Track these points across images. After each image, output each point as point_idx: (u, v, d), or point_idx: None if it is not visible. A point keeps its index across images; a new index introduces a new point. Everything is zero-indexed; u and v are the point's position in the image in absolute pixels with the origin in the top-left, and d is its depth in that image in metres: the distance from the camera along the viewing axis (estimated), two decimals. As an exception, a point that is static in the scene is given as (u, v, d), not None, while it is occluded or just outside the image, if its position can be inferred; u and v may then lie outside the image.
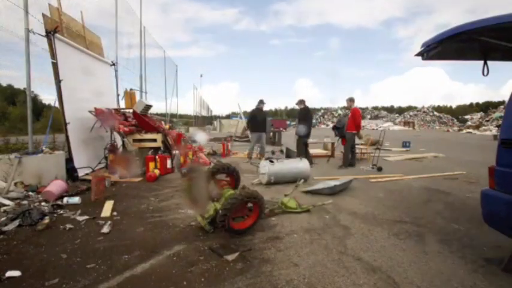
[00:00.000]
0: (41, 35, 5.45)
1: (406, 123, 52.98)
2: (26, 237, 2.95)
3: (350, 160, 7.59)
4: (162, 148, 7.03)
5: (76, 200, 4.11)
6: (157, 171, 6.07)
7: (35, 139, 5.64)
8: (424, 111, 63.90)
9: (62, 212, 3.71)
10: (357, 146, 8.93)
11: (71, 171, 5.47)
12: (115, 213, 3.71)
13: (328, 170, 7.10)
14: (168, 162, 6.72)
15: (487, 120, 41.20)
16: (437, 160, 9.23)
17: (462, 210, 3.98)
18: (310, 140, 8.21)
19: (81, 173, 5.71)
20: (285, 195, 4.09)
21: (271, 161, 5.52)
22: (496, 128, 30.07)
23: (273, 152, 10.53)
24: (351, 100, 7.64)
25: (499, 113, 39.72)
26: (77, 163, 5.67)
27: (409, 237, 3.04)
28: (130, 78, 10.19)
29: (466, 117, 53.12)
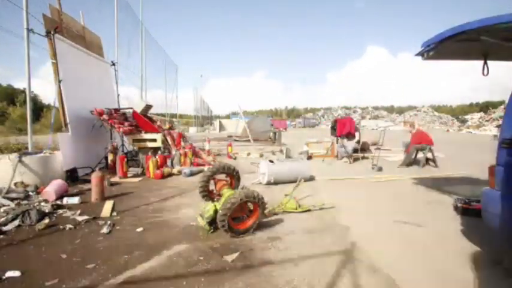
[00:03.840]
0: (41, 35, 5.46)
1: (406, 123, 52.94)
2: (26, 237, 2.96)
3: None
4: (162, 148, 7.04)
5: (76, 200, 4.11)
6: (167, 170, 6.14)
7: (35, 139, 5.64)
8: (424, 111, 63.96)
9: (62, 212, 3.71)
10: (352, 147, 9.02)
11: (71, 171, 5.48)
12: (115, 213, 3.71)
13: (329, 170, 7.10)
14: (168, 162, 6.73)
15: (487, 120, 41.19)
16: (437, 160, 9.22)
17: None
18: (310, 140, 8.20)
19: (81, 173, 5.72)
20: (285, 196, 4.07)
21: (271, 161, 5.51)
22: (496, 128, 30.06)
23: (273, 152, 10.53)
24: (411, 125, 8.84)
25: (500, 112, 39.71)
26: (77, 163, 5.67)
27: (409, 238, 3.04)
28: (130, 77, 10.21)
29: (466, 117, 53.11)
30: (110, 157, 6.49)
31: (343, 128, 8.73)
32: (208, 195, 3.65)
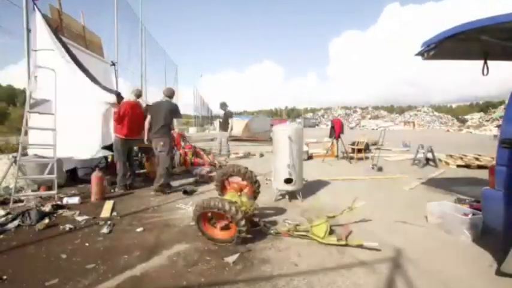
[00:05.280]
0: (41, 35, 5.44)
1: (406, 123, 53.10)
2: (26, 237, 2.96)
3: None
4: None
5: (76, 200, 4.11)
6: None
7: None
8: (424, 111, 64.04)
9: (62, 212, 3.71)
10: (352, 147, 9.12)
11: (71, 171, 5.47)
12: (115, 213, 3.71)
13: (330, 170, 7.10)
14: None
15: (487, 120, 41.23)
16: (437, 160, 9.22)
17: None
18: (310, 140, 8.16)
19: (81, 173, 5.72)
20: (327, 217, 3.05)
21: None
22: (496, 128, 30.05)
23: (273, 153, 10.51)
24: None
25: (500, 112, 39.71)
26: (77, 163, 5.66)
27: (409, 238, 3.03)
28: (130, 77, 10.20)
29: (466, 117, 53.19)
30: (110, 157, 6.48)
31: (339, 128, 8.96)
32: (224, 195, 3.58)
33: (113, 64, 8.62)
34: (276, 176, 4.35)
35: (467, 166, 7.44)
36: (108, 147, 5.28)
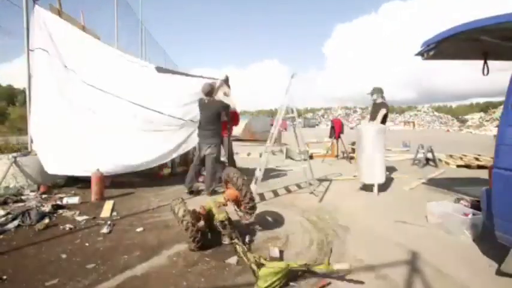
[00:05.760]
0: (41, 35, 5.44)
1: (406, 123, 53.14)
2: (26, 237, 2.96)
3: None
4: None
5: (76, 200, 4.11)
6: (167, 170, 6.22)
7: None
8: (424, 111, 64.05)
9: (62, 212, 3.71)
10: (352, 147, 9.13)
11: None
12: (115, 213, 3.72)
13: (331, 170, 7.10)
14: (168, 162, 6.71)
15: (487, 120, 41.26)
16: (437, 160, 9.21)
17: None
18: (310, 140, 8.13)
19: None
20: (300, 265, 2.19)
21: None
22: (497, 128, 29.99)
23: (273, 152, 10.51)
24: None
25: (500, 112, 39.69)
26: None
27: (409, 238, 3.03)
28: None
29: (466, 117, 53.23)
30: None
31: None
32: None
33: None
34: (361, 171, 4.91)
35: (467, 166, 7.45)
36: None
